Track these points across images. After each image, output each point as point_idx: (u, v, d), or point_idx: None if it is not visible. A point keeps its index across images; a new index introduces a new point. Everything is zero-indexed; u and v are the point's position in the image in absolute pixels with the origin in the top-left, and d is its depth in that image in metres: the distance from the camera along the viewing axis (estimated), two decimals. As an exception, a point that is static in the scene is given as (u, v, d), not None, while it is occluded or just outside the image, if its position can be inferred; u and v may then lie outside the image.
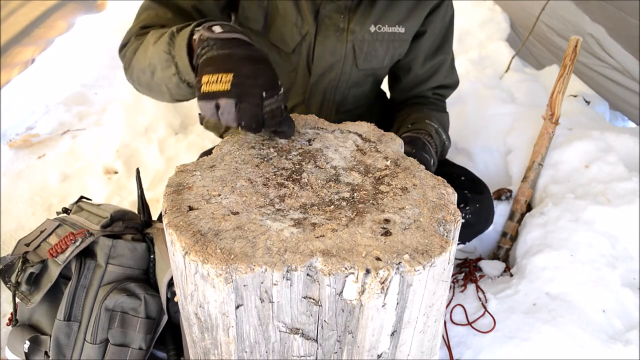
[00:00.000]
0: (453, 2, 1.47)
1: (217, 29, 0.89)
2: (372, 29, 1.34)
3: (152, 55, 1.01)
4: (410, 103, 1.56)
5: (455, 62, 1.58)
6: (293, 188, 0.86)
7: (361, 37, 1.34)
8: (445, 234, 0.78)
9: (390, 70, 1.57)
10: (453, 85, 1.59)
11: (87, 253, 1.15)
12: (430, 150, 1.33)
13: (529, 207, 1.83)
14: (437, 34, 1.45)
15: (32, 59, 2.39)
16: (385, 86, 1.65)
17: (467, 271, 1.67)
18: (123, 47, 1.15)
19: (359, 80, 1.45)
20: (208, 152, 1.32)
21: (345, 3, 1.29)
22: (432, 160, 1.32)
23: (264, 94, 0.83)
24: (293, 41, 1.33)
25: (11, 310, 1.18)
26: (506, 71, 2.69)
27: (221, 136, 1.63)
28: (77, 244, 1.10)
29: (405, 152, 0.99)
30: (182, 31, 0.95)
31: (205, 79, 0.84)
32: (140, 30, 1.12)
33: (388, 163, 0.93)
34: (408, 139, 1.31)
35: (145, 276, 1.20)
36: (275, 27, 1.32)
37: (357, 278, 0.70)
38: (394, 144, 1.00)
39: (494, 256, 1.80)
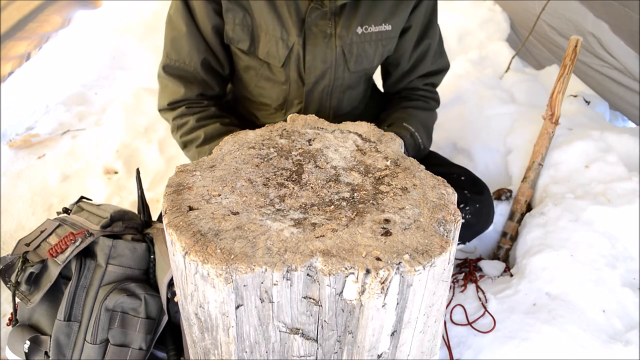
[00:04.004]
0: (453, 2, 1.47)
1: None
2: (359, 30, 1.33)
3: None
4: (399, 97, 1.56)
5: (451, 59, 1.56)
6: (293, 188, 0.86)
7: (349, 40, 1.34)
8: (445, 234, 0.78)
9: (382, 66, 1.56)
10: (443, 69, 1.57)
11: (87, 253, 1.15)
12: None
13: (529, 207, 1.83)
14: (421, 23, 1.44)
15: (27, 53, 2.38)
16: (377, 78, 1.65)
17: (467, 271, 1.67)
18: (160, 110, 1.44)
19: (352, 83, 1.45)
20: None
21: (330, 8, 1.28)
22: None
23: None
24: (281, 55, 1.33)
25: (11, 310, 1.18)
26: (506, 71, 2.69)
27: None
28: (77, 244, 1.10)
29: None
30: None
31: None
32: (169, 106, 1.39)
33: (388, 163, 0.93)
34: None
35: (146, 276, 1.20)
36: (262, 44, 1.33)
37: (357, 278, 0.70)
38: (394, 144, 1.00)
39: (494, 256, 1.80)
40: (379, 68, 1.60)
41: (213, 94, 1.42)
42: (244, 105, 1.56)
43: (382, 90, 1.69)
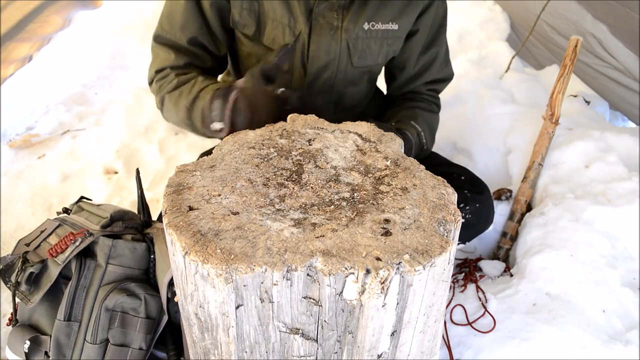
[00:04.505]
0: (453, 2, 1.48)
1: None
2: (366, 26, 1.34)
3: (177, 119, 1.33)
4: (403, 98, 1.57)
5: (451, 59, 1.59)
6: (293, 188, 0.86)
7: (355, 35, 1.34)
8: (446, 234, 0.78)
9: (387, 68, 1.57)
10: (447, 78, 1.59)
11: (87, 253, 1.15)
12: (409, 152, 1.35)
13: (529, 207, 1.83)
14: (430, 30, 1.45)
15: (29, 55, 2.38)
16: (381, 82, 1.66)
17: (467, 271, 1.67)
18: (149, 84, 1.41)
19: (354, 79, 1.45)
20: (208, 152, 1.32)
21: (338, 2, 1.29)
22: None
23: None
24: (287, 42, 1.33)
25: (11, 310, 1.18)
26: (506, 71, 2.69)
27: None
28: (77, 244, 1.10)
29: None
30: (194, 107, 1.24)
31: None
32: (156, 74, 1.36)
33: (388, 163, 0.93)
34: None
35: (146, 276, 1.20)
36: (268, 30, 1.33)
37: (357, 278, 0.70)
38: (394, 144, 1.00)
39: (494, 256, 1.80)
40: (384, 72, 1.60)
41: (202, 67, 1.39)
42: None
43: (384, 92, 1.70)
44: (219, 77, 1.60)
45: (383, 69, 1.58)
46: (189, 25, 1.32)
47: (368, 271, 0.69)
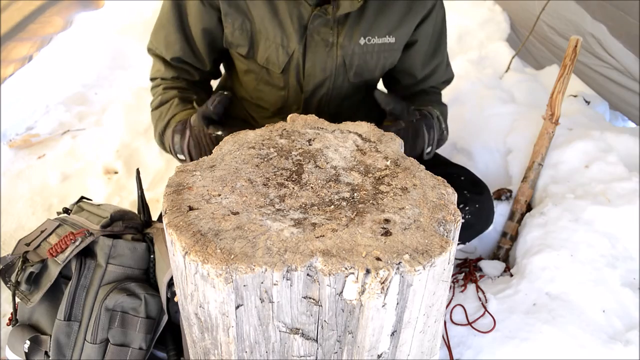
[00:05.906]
0: (453, 2, 1.47)
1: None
2: (362, 41, 1.32)
3: (156, 138, 1.41)
4: (410, 93, 1.57)
5: (451, 59, 1.59)
6: (293, 188, 0.86)
7: (351, 50, 1.32)
8: (445, 234, 0.78)
9: (389, 75, 1.56)
10: (449, 79, 1.60)
11: (87, 253, 1.15)
12: (432, 129, 1.36)
13: (529, 207, 1.83)
14: (431, 39, 1.44)
15: (29, 55, 2.38)
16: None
17: (467, 271, 1.67)
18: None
19: (351, 93, 1.44)
20: (208, 152, 1.32)
21: (333, 17, 1.27)
22: (430, 139, 1.36)
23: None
24: (281, 62, 1.32)
25: (11, 310, 1.18)
26: (506, 71, 2.69)
27: None
28: (77, 243, 1.10)
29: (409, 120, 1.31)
30: (165, 134, 1.35)
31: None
32: (151, 81, 1.44)
33: (388, 163, 0.93)
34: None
35: (146, 276, 1.20)
36: (261, 50, 1.32)
37: (357, 278, 0.70)
38: (394, 144, 1.00)
39: (494, 256, 1.80)
40: (385, 77, 1.59)
41: (191, 80, 1.42)
42: (242, 106, 1.55)
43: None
44: (217, 81, 1.60)
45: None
46: (172, 45, 1.34)
47: (368, 271, 0.69)
